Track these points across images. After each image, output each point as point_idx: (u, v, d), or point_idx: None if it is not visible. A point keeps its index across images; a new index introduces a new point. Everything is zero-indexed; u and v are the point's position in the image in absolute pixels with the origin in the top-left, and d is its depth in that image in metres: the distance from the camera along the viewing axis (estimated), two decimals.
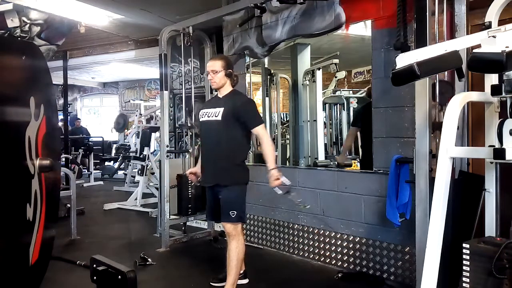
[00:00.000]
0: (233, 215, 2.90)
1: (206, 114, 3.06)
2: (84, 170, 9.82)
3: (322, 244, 3.71)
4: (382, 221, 3.23)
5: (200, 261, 3.94)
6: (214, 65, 3.01)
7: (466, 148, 2.58)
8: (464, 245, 1.90)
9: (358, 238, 3.45)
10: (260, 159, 5.66)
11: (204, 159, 3.10)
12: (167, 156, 4.33)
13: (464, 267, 1.89)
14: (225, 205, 2.94)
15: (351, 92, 7.11)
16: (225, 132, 2.93)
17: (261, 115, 5.85)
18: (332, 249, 3.64)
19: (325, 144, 6.39)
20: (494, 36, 1.78)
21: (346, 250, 3.54)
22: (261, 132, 2.94)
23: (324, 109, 6.47)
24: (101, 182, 9.21)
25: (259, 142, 6.40)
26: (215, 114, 2.98)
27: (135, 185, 7.62)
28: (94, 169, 9.86)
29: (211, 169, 3.02)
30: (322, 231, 3.71)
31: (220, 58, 3.10)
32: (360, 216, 3.43)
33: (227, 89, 3.06)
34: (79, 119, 12.20)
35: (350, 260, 3.51)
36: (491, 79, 2.08)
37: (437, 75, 2.60)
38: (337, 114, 6.99)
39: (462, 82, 2.46)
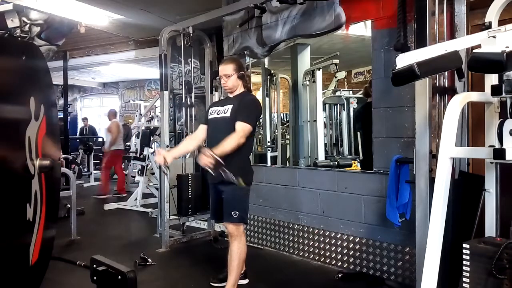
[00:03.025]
0: (235, 215, 2.89)
1: (215, 112, 3.05)
2: (84, 170, 9.85)
3: (322, 244, 3.71)
4: (382, 221, 3.23)
5: (200, 261, 3.94)
6: (226, 69, 2.99)
7: (466, 148, 2.58)
8: (464, 245, 1.90)
9: (358, 238, 3.45)
10: (260, 159, 5.69)
11: None
12: None
13: (464, 267, 1.89)
14: (227, 205, 2.94)
15: (351, 92, 7.11)
16: (233, 129, 2.91)
17: (261, 115, 5.87)
18: (332, 249, 3.64)
19: (325, 144, 6.39)
20: (494, 36, 1.78)
21: (346, 250, 3.54)
22: (240, 128, 2.83)
23: (324, 109, 6.48)
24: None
25: (260, 142, 6.43)
26: (224, 111, 2.98)
27: (135, 185, 7.62)
28: (94, 169, 9.86)
29: None
30: (322, 231, 3.71)
31: (231, 61, 3.07)
32: (360, 216, 3.43)
33: (239, 90, 3.06)
34: (86, 118, 12.19)
35: (350, 260, 3.51)
36: (491, 79, 2.08)
37: (437, 76, 2.60)
38: (337, 114, 6.99)
39: (462, 82, 2.46)
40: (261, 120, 6.17)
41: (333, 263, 3.63)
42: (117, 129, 7.70)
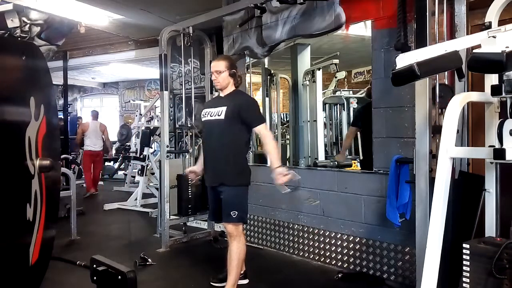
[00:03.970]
0: (234, 215, 2.90)
1: (208, 114, 3.05)
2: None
3: (322, 244, 3.71)
4: (382, 221, 3.23)
5: (200, 261, 3.94)
6: (218, 66, 3.01)
7: (466, 148, 2.58)
8: (464, 245, 1.90)
9: (358, 238, 3.45)
10: (260, 159, 5.68)
11: (207, 159, 3.07)
12: (167, 156, 4.33)
13: (464, 267, 1.89)
14: (226, 205, 2.94)
15: (351, 92, 7.11)
16: (228, 131, 2.93)
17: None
18: (332, 249, 3.64)
19: (325, 145, 6.39)
20: (494, 36, 1.78)
21: (346, 250, 3.54)
22: (263, 130, 2.93)
23: (324, 109, 6.47)
24: (101, 182, 9.20)
25: (260, 142, 6.43)
26: (217, 113, 2.97)
27: (135, 185, 7.62)
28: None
29: (214, 169, 3.01)
30: (322, 231, 3.71)
31: (223, 58, 3.09)
32: (360, 216, 3.43)
33: (230, 89, 3.06)
34: (81, 117, 12.18)
35: (350, 260, 3.51)
36: (491, 79, 2.08)
37: (437, 77, 2.61)
38: (337, 114, 6.99)
39: (462, 82, 2.46)
40: None
41: (333, 263, 3.63)
42: (81, 129, 8.12)
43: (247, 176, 3.02)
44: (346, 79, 7.56)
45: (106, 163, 10.35)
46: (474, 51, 1.84)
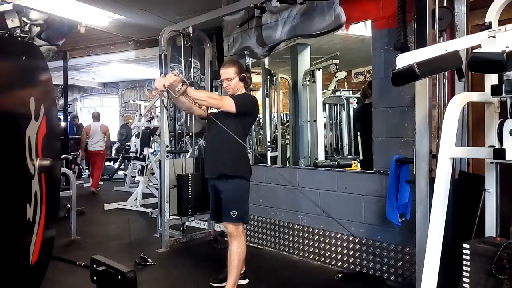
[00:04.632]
0: (234, 215, 2.90)
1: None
2: (85, 171, 9.84)
3: (322, 244, 3.71)
4: (382, 221, 3.23)
5: (200, 261, 3.94)
6: (228, 73, 3.02)
7: (466, 148, 2.58)
8: (464, 245, 1.90)
9: (358, 238, 3.45)
10: (260, 159, 5.69)
11: (207, 151, 3.13)
12: (167, 156, 4.33)
13: (464, 268, 1.89)
14: (226, 205, 2.95)
15: (351, 92, 7.11)
16: (227, 122, 2.91)
17: (261, 115, 5.89)
18: (332, 249, 3.64)
19: (325, 146, 6.39)
20: (494, 36, 1.78)
21: (346, 250, 3.54)
22: (225, 97, 2.98)
23: (324, 109, 6.48)
24: (101, 182, 9.20)
25: (260, 142, 6.43)
26: None
27: (135, 185, 7.62)
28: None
29: (214, 159, 3.03)
30: (322, 231, 3.71)
31: (232, 65, 3.08)
32: (360, 216, 3.43)
33: (241, 91, 3.09)
34: (77, 116, 12.20)
35: (350, 260, 3.51)
36: (491, 79, 2.08)
37: (437, 77, 2.60)
38: (337, 114, 7.00)
39: (462, 82, 2.45)
40: (261, 120, 6.18)
41: (333, 263, 3.63)
42: (84, 132, 8.40)
43: (246, 168, 3.02)
44: (346, 79, 7.56)
45: (106, 163, 10.36)
46: (474, 51, 1.84)
